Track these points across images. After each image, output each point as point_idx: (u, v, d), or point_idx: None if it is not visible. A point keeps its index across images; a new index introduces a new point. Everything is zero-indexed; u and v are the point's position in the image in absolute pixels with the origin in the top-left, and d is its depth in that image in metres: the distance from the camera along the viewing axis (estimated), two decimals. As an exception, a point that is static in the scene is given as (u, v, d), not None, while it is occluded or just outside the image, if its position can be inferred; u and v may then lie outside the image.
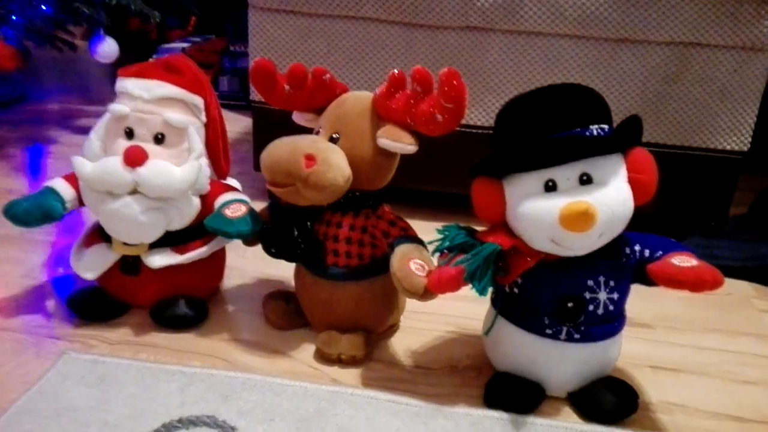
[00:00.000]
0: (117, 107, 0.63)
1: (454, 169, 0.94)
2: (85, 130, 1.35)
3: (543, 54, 0.89)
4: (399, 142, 0.59)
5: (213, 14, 1.97)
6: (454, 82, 0.54)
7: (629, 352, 0.67)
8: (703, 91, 0.89)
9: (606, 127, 0.53)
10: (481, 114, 0.93)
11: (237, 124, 1.48)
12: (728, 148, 0.91)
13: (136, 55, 2.03)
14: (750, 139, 0.91)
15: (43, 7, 1.24)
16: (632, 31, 0.86)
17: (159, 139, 0.64)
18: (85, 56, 1.45)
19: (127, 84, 0.65)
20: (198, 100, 0.66)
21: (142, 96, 0.63)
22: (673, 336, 0.73)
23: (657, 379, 0.65)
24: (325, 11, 0.91)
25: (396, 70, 0.60)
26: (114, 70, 0.73)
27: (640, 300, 0.60)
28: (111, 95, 0.67)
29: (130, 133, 0.64)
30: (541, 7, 0.86)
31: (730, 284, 0.87)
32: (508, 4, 0.87)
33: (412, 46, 0.92)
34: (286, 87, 0.62)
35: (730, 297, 0.84)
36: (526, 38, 0.89)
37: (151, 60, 0.67)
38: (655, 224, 0.98)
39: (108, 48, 1.22)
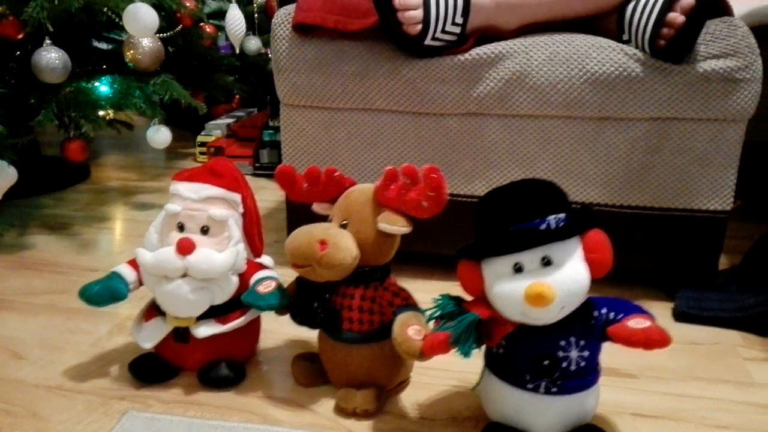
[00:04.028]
0: (171, 207, 0.78)
1: (464, 234, 1.05)
2: (143, 206, 1.55)
3: (534, 133, 1.01)
4: (394, 226, 0.71)
5: (255, 91, 2.17)
6: (434, 175, 0.67)
7: (613, 401, 0.76)
8: (683, 160, 0.98)
9: (563, 215, 0.64)
10: (482, 186, 1.05)
11: (274, 194, 1.64)
12: (711, 208, 0.99)
13: (188, 128, 2.25)
14: (731, 200, 0.99)
15: (103, 93, 1.43)
16: (613, 110, 0.97)
17: (205, 231, 0.78)
18: (142, 133, 1.64)
19: (179, 187, 0.79)
20: (236, 197, 0.80)
21: (191, 197, 0.78)
22: (656, 385, 0.81)
23: (636, 425, 0.73)
24: (344, 105, 1.06)
25: (389, 167, 0.72)
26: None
27: (628, 352, 0.67)
28: (165, 171, 0.82)
29: (181, 227, 0.78)
30: (530, 94, 0.98)
31: (719, 334, 0.94)
32: (501, 93, 0.99)
33: (420, 132, 1.05)
34: (305, 184, 0.76)
35: (718, 346, 0.91)
36: (518, 120, 1.01)
37: (198, 166, 0.82)
38: (650, 280, 1.07)
39: (162, 137, 1.40)
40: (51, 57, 1.10)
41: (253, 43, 1.93)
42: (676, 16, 0.88)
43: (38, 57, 1.11)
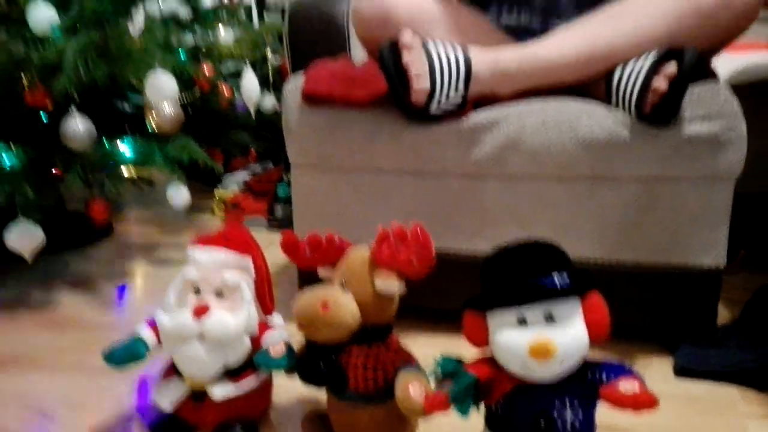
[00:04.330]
0: (188, 273, 0.84)
1: (467, 290, 1.09)
2: (164, 262, 1.61)
3: (531, 193, 1.06)
4: (390, 285, 0.76)
5: (270, 146, 2.26)
6: (420, 234, 0.73)
7: (609, 457, 0.79)
8: (676, 217, 1.02)
9: (566, 274, 0.68)
10: (483, 243, 1.09)
11: (288, 247, 1.69)
12: (705, 264, 1.03)
13: (206, 182, 2.34)
14: (725, 256, 1.03)
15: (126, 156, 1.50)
16: (604, 171, 1.02)
17: (219, 294, 0.83)
18: (162, 188, 1.71)
19: (196, 253, 0.85)
20: (248, 262, 0.86)
21: (206, 263, 0.84)
22: (654, 440, 0.84)
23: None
24: (351, 166, 1.12)
25: (381, 228, 0.78)
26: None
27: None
28: (185, 225, 0.88)
29: (197, 290, 0.84)
30: (525, 157, 1.04)
31: (718, 389, 0.96)
32: (497, 156, 1.05)
33: (423, 191, 1.11)
34: (307, 251, 0.81)
35: (717, 402, 0.93)
36: (515, 181, 1.06)
37: (212, 233, 0.88)
38: (650, 335, 1.10)
39: (181, 198, 1.47)
40: (77, 125, 1.19)
41: (268, 101, 2.02)
42: (660, 84, 0.94)
43: (65, 125, 1.20)
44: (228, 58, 1.78)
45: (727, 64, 1.40)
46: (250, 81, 1.63)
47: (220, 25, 1.67)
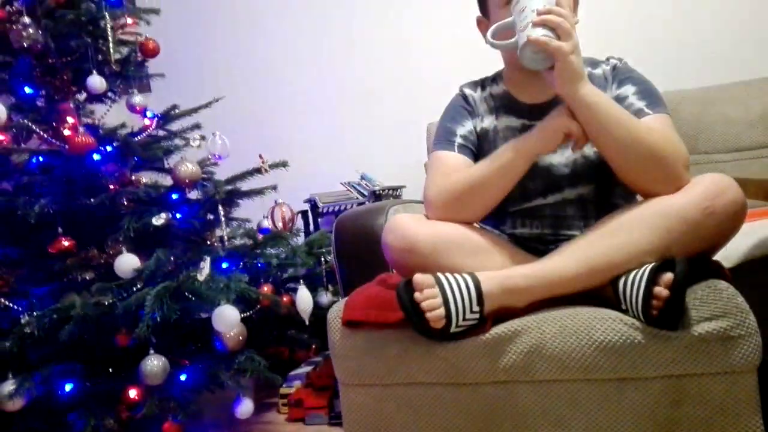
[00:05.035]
0: None
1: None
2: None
3: (561, 396, 1.12)
4: None
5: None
6: None
7: None
8: (705, 411, 1.05)
9: None
10: (523, 450, 1.14)
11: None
12: (746, 458, 1.03)
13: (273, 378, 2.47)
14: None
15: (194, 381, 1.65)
16: (627, 372, 1.08)
17: None
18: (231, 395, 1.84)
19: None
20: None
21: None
22: None
23: None
24: (391, 382, 1.22)
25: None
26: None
27: None
28: (254, 427, 0.95)
29: None
30: (549, 363, 1.11)
31: None
32: (524, 363, 1.13)
33: (459, 400, 1.18)
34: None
35: None
36: (544, 385, 1.13)
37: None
38: None
39: (246, 408, 1.59)
40: (154, 364, 1.36)
41: (325, 298, 2.20)
42: (661, 290, 1.02)
43: (144, 364, 1.37)
44: (286, 268, 1.99)
45: (743, 239, 1.47)
46: (303, 297, 1.81)
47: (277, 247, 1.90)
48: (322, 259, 2.22)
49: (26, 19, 1.85)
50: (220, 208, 1.83)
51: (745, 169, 2.18)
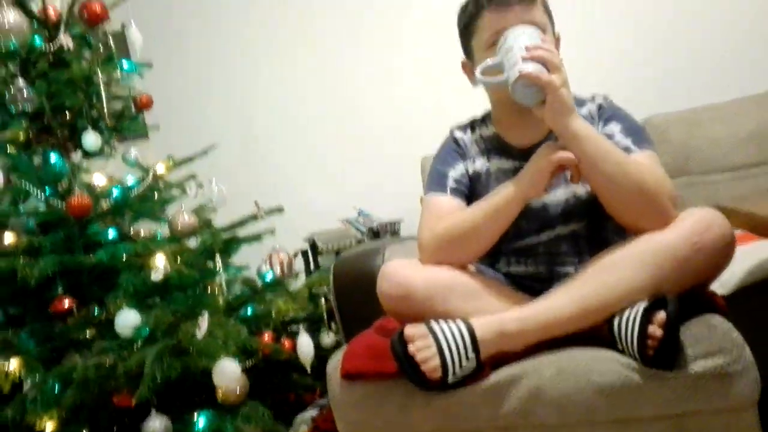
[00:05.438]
0: None
1: None
2: None
3: (563, 440, 1.12)
4: None
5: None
6: None
7: None
8: (708, 450, 1.04)
9: None
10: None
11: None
12: (753, 497, 1.02)
13: (279, 418, 2.45)
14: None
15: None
16: (627, 413, 1.07)
17: None
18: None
19: None
20: None
21: None
22: None
23: None
24: (393, 432, 1.22)
25: None
26: None
27: None
28: None
29: None
30: (549, 408, 1.10)
31: None
32: (524, 409, 1.12)
33: (462, 448, 1.18)
34: None
35: None
36: (545, 429, 1.13)
37: None
38: None
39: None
40: (156, 425, 1.36)
41: (328, 339, 2.20)
42: (655, 330, 1.03)
43: (145, 427, 1.38)
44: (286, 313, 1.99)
45: (743, 258, 1.46)
46: (304, 343, 1.81)
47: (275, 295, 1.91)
48: (323, 299, 2.22)
49: (20, 82, 1.89)
50: (218, 257, 1.84)
51: (739, 187, 2.18)
